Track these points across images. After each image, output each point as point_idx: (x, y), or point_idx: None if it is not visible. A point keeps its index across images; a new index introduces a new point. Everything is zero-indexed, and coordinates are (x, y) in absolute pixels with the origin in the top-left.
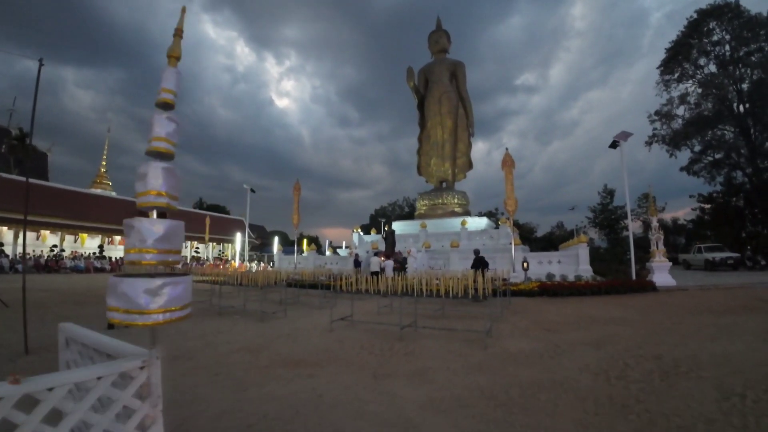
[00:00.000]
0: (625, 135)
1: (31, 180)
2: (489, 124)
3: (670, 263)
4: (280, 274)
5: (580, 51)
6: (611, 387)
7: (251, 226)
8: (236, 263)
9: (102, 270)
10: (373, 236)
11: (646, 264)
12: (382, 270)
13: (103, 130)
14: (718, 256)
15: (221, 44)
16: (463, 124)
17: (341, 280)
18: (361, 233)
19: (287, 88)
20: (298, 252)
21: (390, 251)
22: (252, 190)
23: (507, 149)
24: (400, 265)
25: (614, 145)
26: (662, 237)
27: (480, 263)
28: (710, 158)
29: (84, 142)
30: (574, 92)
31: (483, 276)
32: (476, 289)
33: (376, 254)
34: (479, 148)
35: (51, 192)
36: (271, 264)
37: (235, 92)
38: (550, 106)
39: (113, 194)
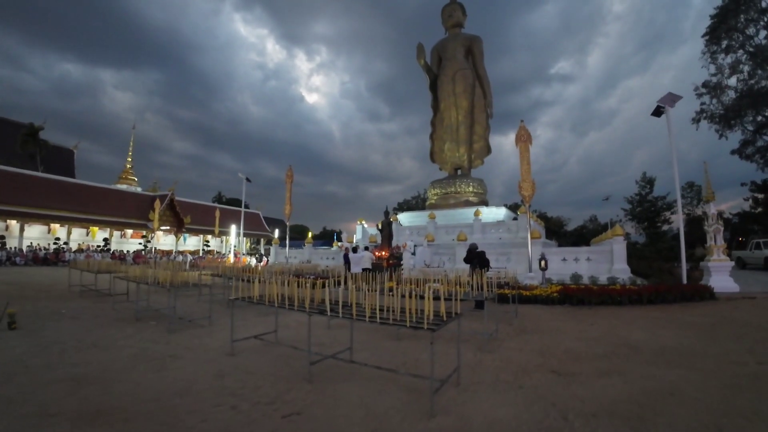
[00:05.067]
0: (672, 99)
1: (45, 175)
2: (522, 115)
3: (732, 262)
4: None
5: (619, 36)
6: None
7: (271, 221)
8: (231, 258)
9: None
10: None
11: (699, 263)
12: (374, 268)
13: (140, 129)
14: None
15: (252, 42)
16: (481, 104)
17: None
18: (365, 225)
19: (317, 83)
20: (292, 246)
21: (386, 245)
22: (248, 180)
23: (522, 121)
24: (396, 261)
25: (658, 112)
26: (722, 229)
27: (476, 259)
28: (766, 138)
29: (124, 141)
30: (613, 80)
31: (478, 277)
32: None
33: (366, 248)
34: (512, 140)
35: (58, 185)
36: (260, 257)
37: (267, 89)
38: (587, 96)
39: (138, 189)
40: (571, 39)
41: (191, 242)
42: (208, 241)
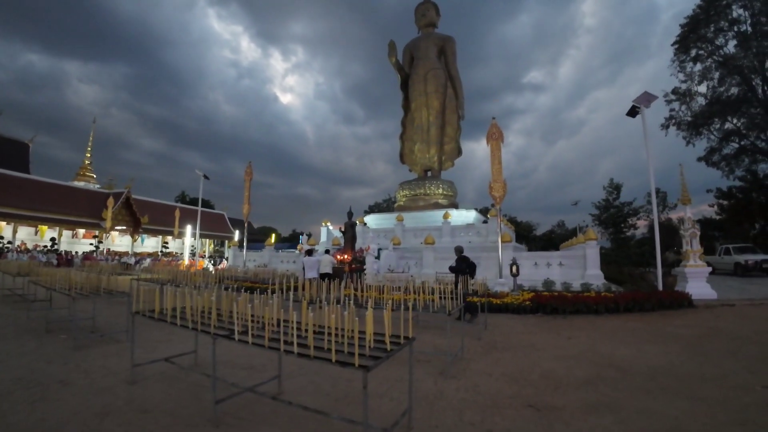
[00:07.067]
0: (648, 98)
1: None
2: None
3: (710, 268)
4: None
5: (590, 48)
6: None
7: (238, 222)
8: (185, 261)
9: (48, 264)
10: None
11: (672, 269)
12: (335, 273)
13: (106, 125)
14: (752, 258)
15: (226, 39)
16: (452, 105)
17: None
18: (330, 227)
19: (292, 84)
20: (250, 248)
21: (349, 248)
22: (206, 177)
23: (494, 119)
24: (359, 266)
25: (633, 112)
26: (698, 233)
27: (464, 265)
28: (735, 144)
29: (86, 136)
30: (582, 91)
31: (463, 284)
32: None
33: (326, 251)
34: (484, 147)
35: (3, 180)
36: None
37: (240, 88)
38: (557, 105)
39: (96, 187)
40: (544, 50)
41: (149, 243)
42: (167, 243)
